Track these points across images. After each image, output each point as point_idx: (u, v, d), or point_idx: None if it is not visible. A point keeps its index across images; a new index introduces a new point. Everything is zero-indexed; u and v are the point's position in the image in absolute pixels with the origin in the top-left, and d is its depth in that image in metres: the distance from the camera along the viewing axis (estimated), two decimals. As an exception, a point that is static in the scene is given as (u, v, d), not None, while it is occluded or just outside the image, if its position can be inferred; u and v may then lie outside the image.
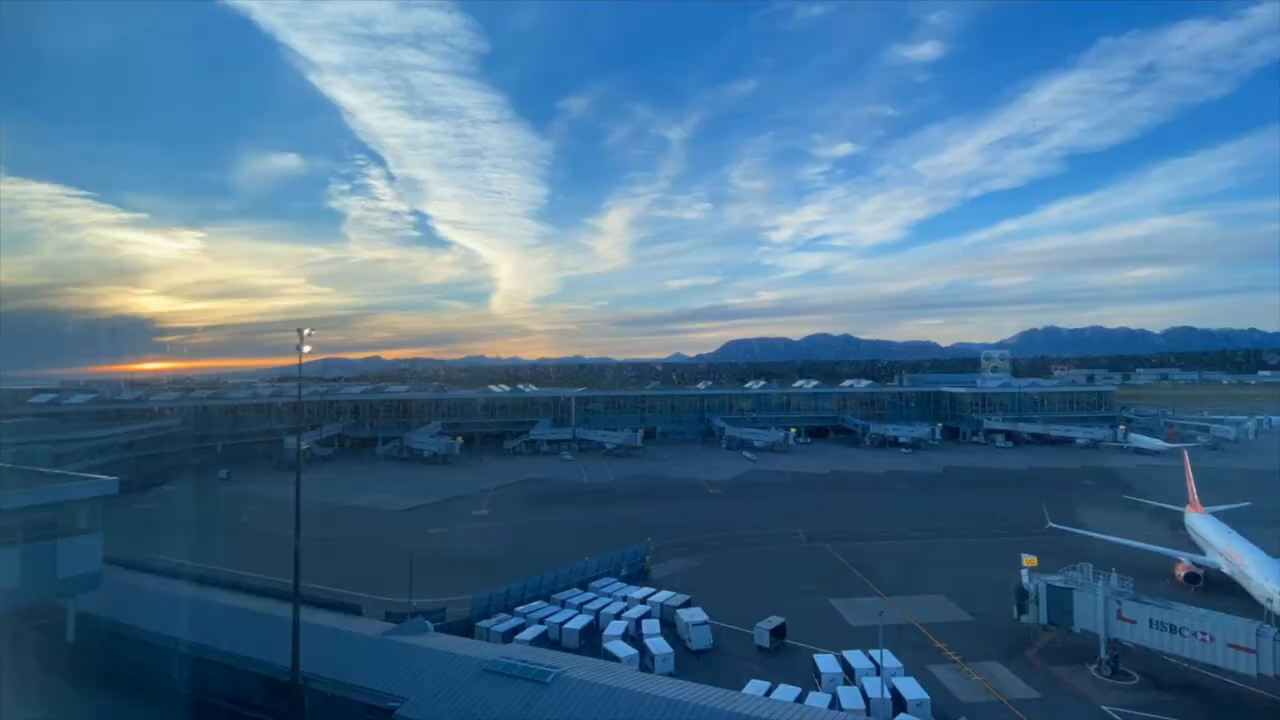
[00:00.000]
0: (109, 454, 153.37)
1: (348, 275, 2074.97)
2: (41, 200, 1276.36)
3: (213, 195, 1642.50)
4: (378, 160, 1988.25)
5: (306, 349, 57.36)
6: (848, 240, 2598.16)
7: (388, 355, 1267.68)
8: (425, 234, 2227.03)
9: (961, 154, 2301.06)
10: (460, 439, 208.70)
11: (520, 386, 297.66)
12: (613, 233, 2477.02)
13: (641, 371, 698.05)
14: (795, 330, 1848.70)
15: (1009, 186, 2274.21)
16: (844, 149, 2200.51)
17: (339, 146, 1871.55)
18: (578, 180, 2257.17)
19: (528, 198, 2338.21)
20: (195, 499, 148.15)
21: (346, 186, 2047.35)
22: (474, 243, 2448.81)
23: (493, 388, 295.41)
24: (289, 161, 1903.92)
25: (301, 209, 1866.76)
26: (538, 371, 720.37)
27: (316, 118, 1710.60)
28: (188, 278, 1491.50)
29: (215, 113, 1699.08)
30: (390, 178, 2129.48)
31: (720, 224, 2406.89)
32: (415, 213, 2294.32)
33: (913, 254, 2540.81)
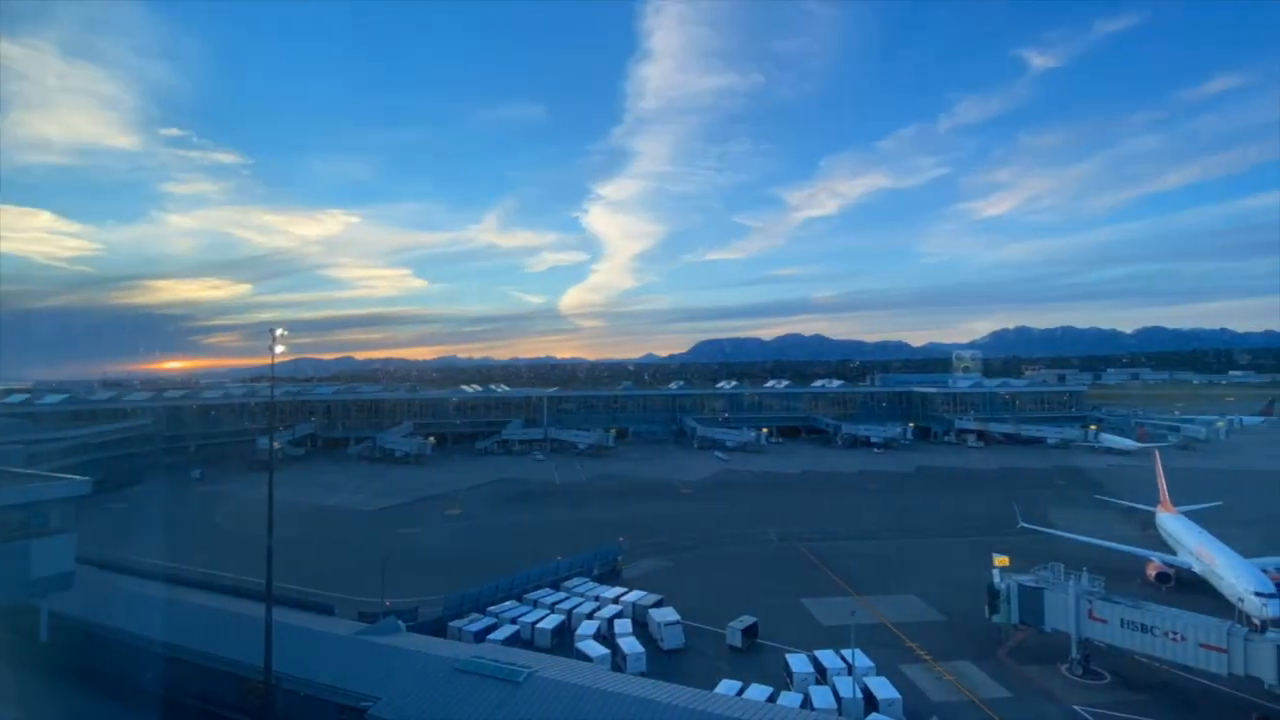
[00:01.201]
0: (81, 454, 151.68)
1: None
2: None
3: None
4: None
5: (280, 349, 57.03)
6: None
7: (360, 355, 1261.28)
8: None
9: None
10: (432, 439, 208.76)
11: (492, 386, 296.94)
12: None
13: (614, 371, 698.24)
14: (767, 330, 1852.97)
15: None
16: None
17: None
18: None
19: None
20: (168, 499, 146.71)
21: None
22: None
23: (465, 388, 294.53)
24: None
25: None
26: (509, 371, 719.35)
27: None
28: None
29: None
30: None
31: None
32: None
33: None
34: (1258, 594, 62.64)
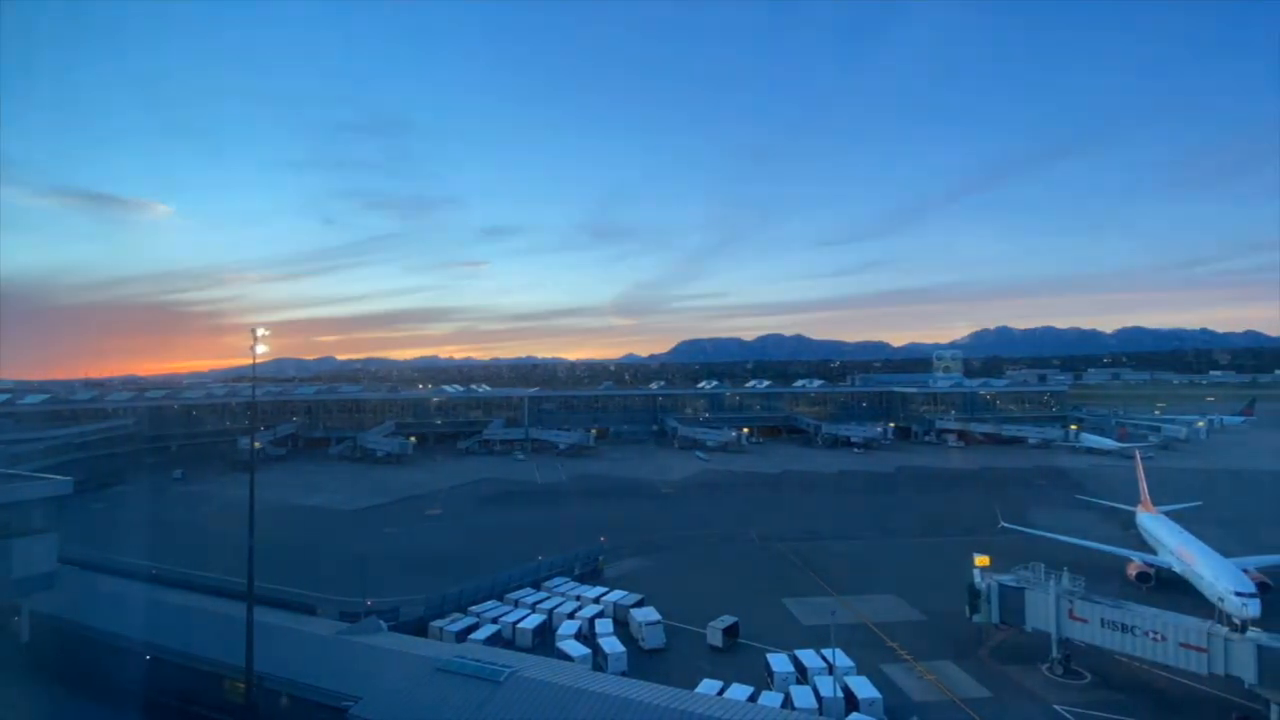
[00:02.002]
0: (63, 454, 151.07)
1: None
2: None
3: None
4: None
5: (262, 349, 56.94)
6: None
7: (341, 356, 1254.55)
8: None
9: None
10: (413, 439, 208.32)
11: (473, 387, 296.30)
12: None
13: (594, 371, 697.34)
14: (748, 330, 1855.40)
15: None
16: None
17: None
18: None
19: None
20: (149, 499, 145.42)
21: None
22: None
23: (446, 388, 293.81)
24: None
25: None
26: (490, 371, 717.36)
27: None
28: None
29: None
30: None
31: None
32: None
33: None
34: (1238, 594, 62.38)
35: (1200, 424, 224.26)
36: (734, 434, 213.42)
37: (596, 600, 77.51)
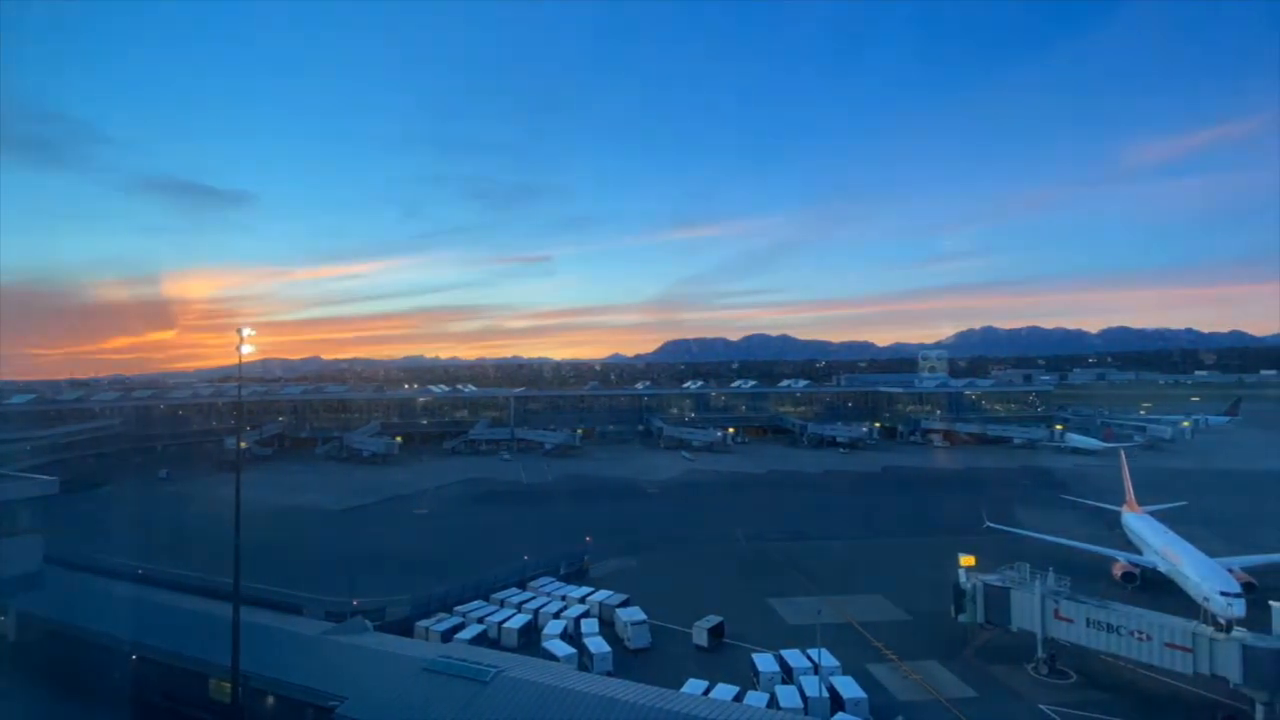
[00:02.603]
0: (49, 454, 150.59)
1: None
2: None
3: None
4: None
5: (248, 349, 56.90)
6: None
7: (327, 355, 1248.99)
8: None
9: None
10: (399, 439, 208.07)
11: (459, 386, 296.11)
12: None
13: (580, 371, 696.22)
14: (733, 331, 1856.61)
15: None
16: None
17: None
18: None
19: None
20: (135, 499, 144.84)
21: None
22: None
23: (432, 388, 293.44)
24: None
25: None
26: (476, 371, 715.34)
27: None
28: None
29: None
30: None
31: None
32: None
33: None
34: (1223, 593, 61.64)
35: (1185, 424, 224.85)
36: (719, 434, 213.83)
37: (582, 600, 77.60)
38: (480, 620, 71.61)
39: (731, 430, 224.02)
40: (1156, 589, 76.33)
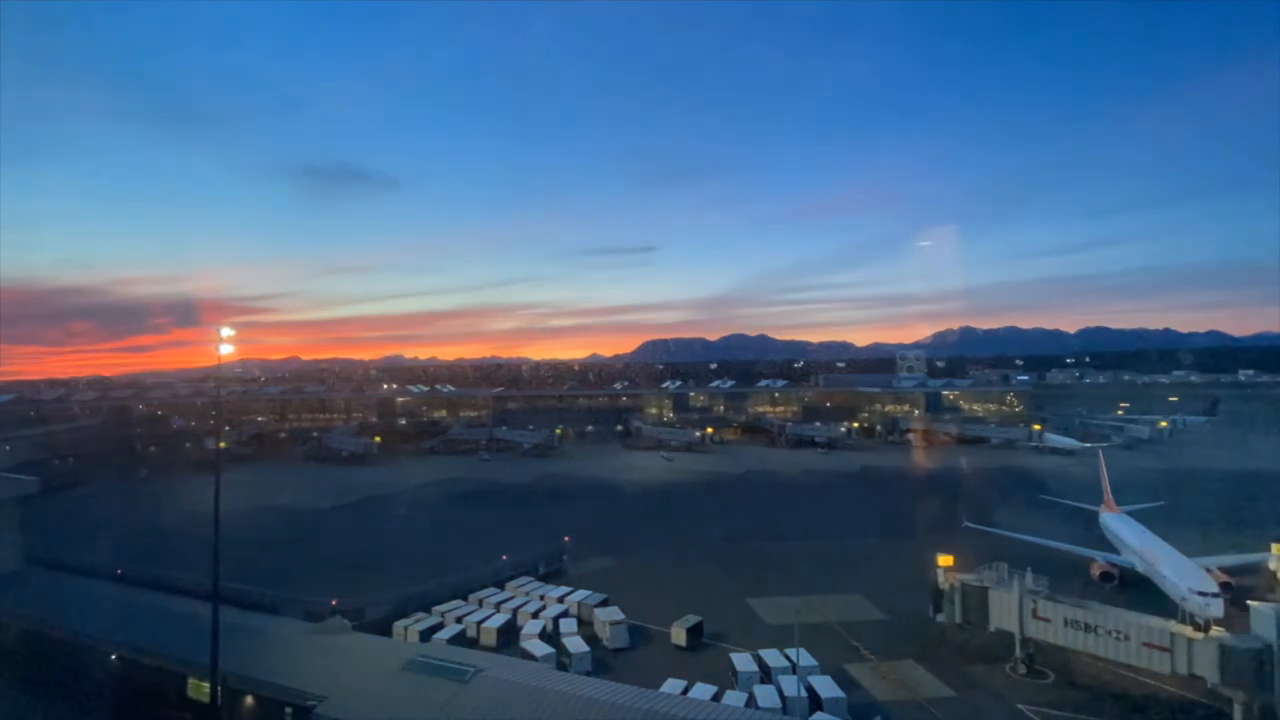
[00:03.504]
0: (27, 454, 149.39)
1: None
2: None
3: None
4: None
5: (227, 349, 56.85)
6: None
7: (306, 355, 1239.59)
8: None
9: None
10: (378, 438, 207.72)
11: (438, 386, 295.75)
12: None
13: (559, 371, 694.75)
14: (712, 330, 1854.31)
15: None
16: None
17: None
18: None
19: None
20: (114, 498, 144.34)
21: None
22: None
23: (410, 388, 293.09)
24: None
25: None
26: (455, 371, 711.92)
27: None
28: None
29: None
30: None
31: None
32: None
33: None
34: (1200, 593, 61.74)
35: (1163, 424, 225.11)
36: (698, 434, 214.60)
37: (561, 600, 77.85)
38: (459, 620, 71.79)
39: (710, 430, 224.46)
40: (1135, 589, 76.62)
